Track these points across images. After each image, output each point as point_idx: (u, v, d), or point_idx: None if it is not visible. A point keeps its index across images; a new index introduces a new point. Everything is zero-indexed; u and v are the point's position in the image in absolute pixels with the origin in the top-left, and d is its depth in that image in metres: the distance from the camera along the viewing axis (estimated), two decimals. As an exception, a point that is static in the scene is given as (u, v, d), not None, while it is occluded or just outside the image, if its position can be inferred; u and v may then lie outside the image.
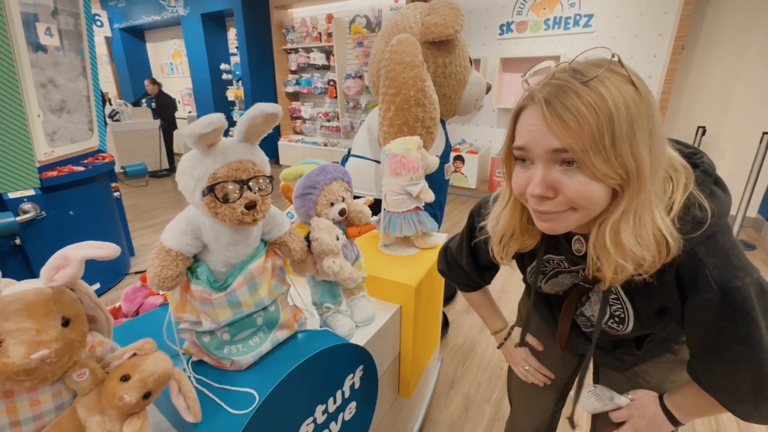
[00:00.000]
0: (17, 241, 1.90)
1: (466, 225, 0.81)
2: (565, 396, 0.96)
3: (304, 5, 5.73)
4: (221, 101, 6.78)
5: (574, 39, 3.92)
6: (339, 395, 0.77)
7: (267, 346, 0.72)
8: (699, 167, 0.54)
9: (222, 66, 6.61)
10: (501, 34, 4.29)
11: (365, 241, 1.26)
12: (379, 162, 1.28)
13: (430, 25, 1.53)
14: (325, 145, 5.91)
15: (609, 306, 0.64)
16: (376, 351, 0.89)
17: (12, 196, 1.85)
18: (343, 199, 0.83)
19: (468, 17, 4.41)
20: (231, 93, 6.67)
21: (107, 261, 0.52)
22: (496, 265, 0.82)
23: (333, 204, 0.82)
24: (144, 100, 5.98)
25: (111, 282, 2.54)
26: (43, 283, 0.48)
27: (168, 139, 5.95)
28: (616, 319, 0.65)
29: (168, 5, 6.53)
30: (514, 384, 0.99)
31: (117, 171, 2.77)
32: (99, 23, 5.76)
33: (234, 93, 6.62)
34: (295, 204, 0.83)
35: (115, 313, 0.95)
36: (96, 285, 2.37)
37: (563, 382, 0.92)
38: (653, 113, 0.46)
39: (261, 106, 0.57)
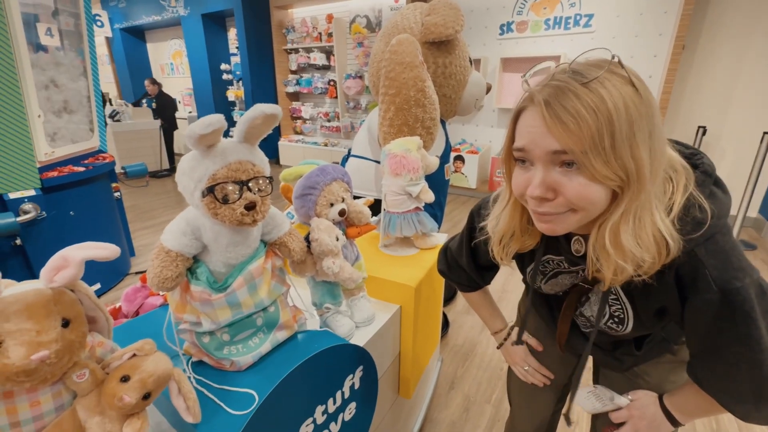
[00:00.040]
0: (18, 242, 1.91)
1: (466, 225, 0.81)
2: (565, 396, 0.96)
3: (304, 5, 5.74)
4: (221, 101, 6.78)
5: (574, 39, 3.92)
6: (339, 396, 0.77)
7: (267, 346, 0.72)
8: (699, 168, 0.54)
9: (222, 66, 6.61)
10: (501, 34, 4.29)
11: (365, 242, 1.26)
12: (380, 162, 1.28)
13: (430, 26, 1.53)
14: (326, 146, 5.91)
15: (609, 306, 0.64)
16: (376, 351, 0.89)
17: (12, 196, 1.85)
18: (343, 200, 0.83)
19: (468, 17, 4.41)
20: (231, 93, 6.68)
21: (108, 261, 0.52)
22: (496, 266, 0.82)
23: (333, 204, 0.82)
24: (144, 100, 5.98)
25: (111, 282, 2.54)
26: (43, 284, 0.48)
27: (168, 140, 5.95)
28: (615, 320, 0.65)
29: (168, 5, 6.54)
30: (513, 384, 0.99)
31: (117, 171, 2.78)
32: (99, 23, 5.76)
33: (234, 93, 6.63)
34: (295, 204, 0.83)
35: (116, 314, 0.96)
36: (96, 285, 2.37)
37: (563, 382, 0.92)
38: (653, 114, 0.46)
39: (260, 107, 0.57)
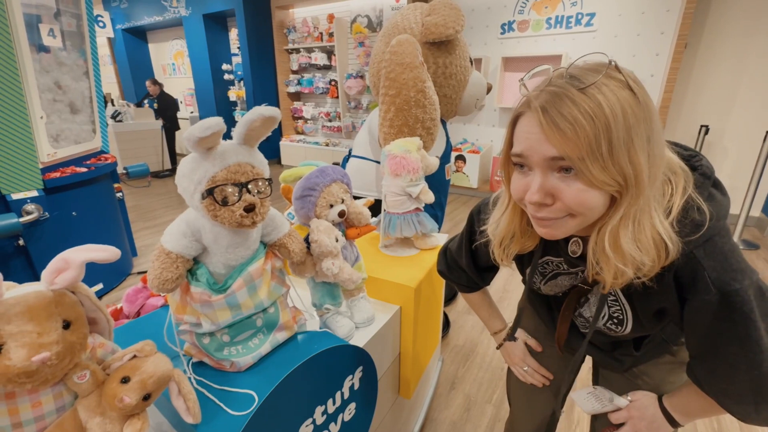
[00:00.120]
0: (21, 242, 1.92)
1: (465, 226, 0.81)
2: (565, 396, 0.96)
3: (305, 5, 5.74)
4: (223, 101, 6.80)
5: (576, 38, 3.91)
6: (338, 396, 0.77)
7: (267, 347, 0.72)
8: (698, 170, 0.54)
9: (224, 66, 6.63)
10: (502, 33, 4.28)
11: (365, 242, 1.26)
12: (380, 162, 1.28)
13: (430, 26, 1.53)
14: (327, 145, 5.92)
15: (608, 307, 0.64)
16: (375, 352, 0.89)
17: (15, 197, 1.86)
18: (343, 201, 0.84)
19: (469, 16, 4.40)
20: (233, 93, 6.70)
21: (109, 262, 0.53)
22: (495, 266, 0.82)
23: (332, 206, 0.82)
24: (146, 100, 6.00)
25: (114, 282, 2.55)
26: (44, 286, 0.48)
27: (170, 140, 5.97)
28: (614, 321, 0.65)
29: (170, 6, 6.55)
30: (513, 385, 0.99)
31: (119, 172, 2.79)
32: (101, 24, 5.78)
33: (236, 93, 6.64)
34: (295, 206, 0.83)
35: (117, 315, 0.96)
36: (99, 285, 2.38)
37: (562, 383, 0.91)
38: (651, 118, 0.46)
39: (259, 109, 0.57)
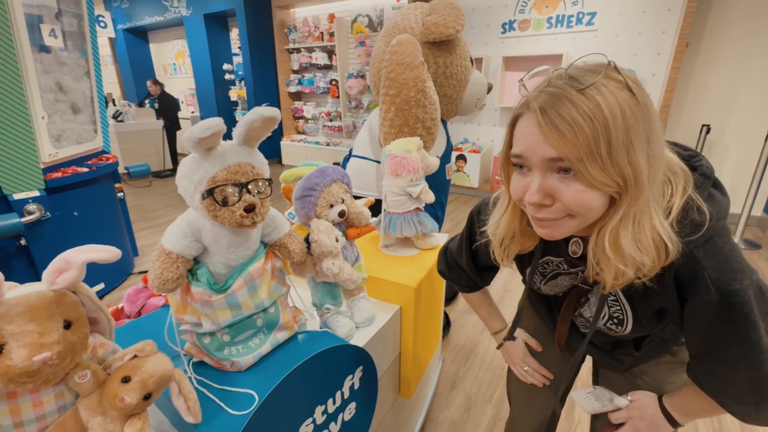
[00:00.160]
0: (23, 242, 1.92)
1: (465, 227, 0.81)
2: (565, 396, 0.96)
3: (306, 5, 5.74)
4: (224, 101, 6.81)
5: (577, 37, 3.90)
6: (338, 396, 0.77)
7: (267, 347, 0.73)
8: (697, 170, 0.54)
9: (225, 66, 6.64)
10: (503, 32, 4.27)
11: (366, 242, 1.27)
12: (380, 162, 1.28)
13: (430, 25, 1.53)
14: (328, 145, 5.92)
15: (608, 307, 0.64)
16: (376, 352, 0.90)
17: (17, 197, 1.86)
18: (343, 201, 0.84)
19: (470, 16, 4.39)
20: (234, 93, 6.71)
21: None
22: (495, 266, 0.82)
23: (332, 206, 0.82)
24: (147, 100, 6.01)
25: (115, 282, 2.56)
26: (45, 286, 0.48)
27: (171, 140, 5.97)
28: (615, 321, 0.65)
29: (171, 6, 6.56)
30: (513, 384, 0.99)
31: (121, 172, 2.79)
32: (103, 24, 5.78)
33: (237, 93, 6.65)
34: (295, 206, 0.83)
35: (118, 314, 0.96)
36: (100, 285, 2.39)
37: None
38: (651, 119, 0.46)
39: (259, 110, 0.57)
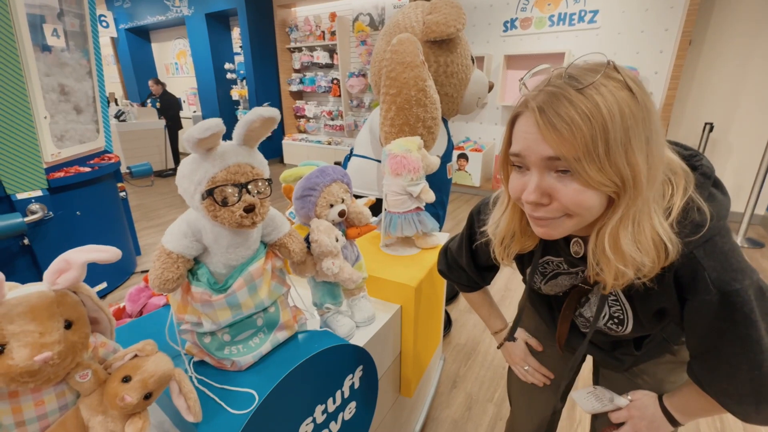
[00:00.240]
0: (26, 242, 1.93)
1: (465, 226, 0.81)
2: (565, 395, 0.96)
3: (307, 4, 5.74)
4: (226, 100, 6.81)
5: (579, 35, 3.88)
6: (338, 395, 0.78)
7: (267, 346, 0.73)
8: (698, 169, 0.54)
9: (226, 65, 6.64)
10: (505, 30, 4.26)
11: (366, 241, 1.27)
12: (381, 161, 1.28)
13: (431, 24, 1.53)
14: (329, 144, 5.92)
15: (608, 307, 0.64)
16: (376, 351, 0.90)
17: (20, 197, 1.87)
18: (343, 201, 0.84)
19: (472, 14, 4.38)
20: (235, 92, 6.71)
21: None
22: (495, 266, 0.82)
23: (332, 205, 0.82)
24: (149, 100, 6.03)
25: (118, 281, 2.57)
26: (46, 287, 0.49)
27: (173, 139, 5.99)
28: (615, 320, 0.65)
29: (172, 5, 6.57)
30: (514, 384, 0.99)
31: (123, 171, 2.80)
32: (105, 24, 5.79)
33: (238, 92, 6.65)
34: (295, 206, 0.84)
35: (120, 314, 0.97)
36: (103, 284, 2.40)
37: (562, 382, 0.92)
38: (650, 119, 0.46)
39: (258, 110, 0.57)
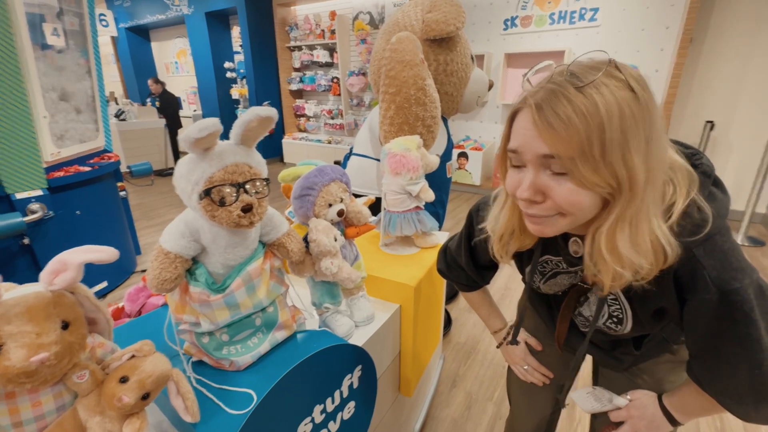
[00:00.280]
0: (26, 241, 1.93)
1: (464, 225, 0.81)
2: (566, 394, 0.96)
3: (307, 2, 5.72)
4: (226, 99, 6.81)
5: (579, 33, 3.87)
6: (337, 395, 0.77)
7: (266, 346, 0.73)
8: (698, 168, 0.54)
9: (226, 64, 6.63)
10: (505, 29, 4.25)
11: (366, 241, 1.26)
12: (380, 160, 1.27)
13: (431, 23, 1.52)
14: (329, 143, 5.91)
15: (608, 306, 0.64)
16: (375, 350, 0.90)
17: (20, 196, 1.87)
18: (342, 200, 0.84)
19: (472, 12, 4.37)
20: (235, 91, 6.69)
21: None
22: (495, 265, 0.82)
23: (331, 205, 0.82)
24: (149, 99, 6.03)
25: (118, 280, 2.57)
26: (43, 287, 0.49)
27: (173, 138, 5.99)
28: (614, 320, 0.64)
29: (172, 4, 6.56)
30: (513, 383, 0.99)
31: (123, 170, 2.80)
32: (104, 23, 5.78)
33: (238, 91, 6.64)
34: (294, 205, 0.83)
35: (119, 313, 0.97)
36: (103, 283, 2.40)
37: (562, 381, 0.91)
38: (652, 120, 0.45)
39: (255, 109, 0.57)
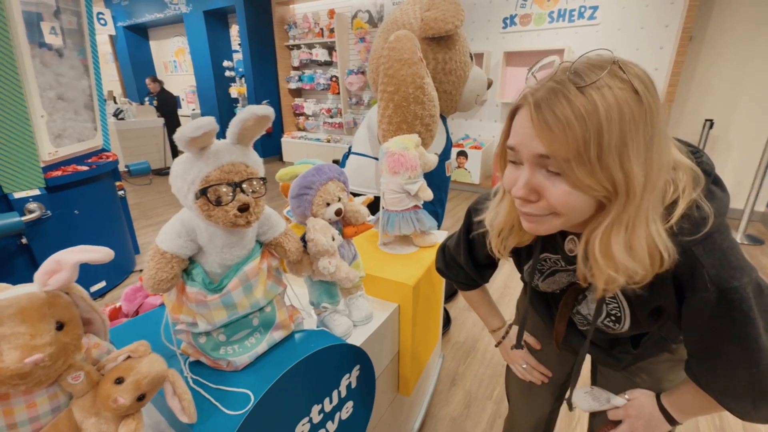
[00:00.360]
0: (24, 241, 1.93)
1: (463, 223, 0.81)
2: (563, 394, 0.95)
3: (306, 1, 5.71)
4: (224, 98, 6.79)
5: (578, 32, 3.87)
6: (335, 395, 0.77)
7: (263, 346, 0.72)
8: (698, 167, 0.53)
9: (225, 63, 6.61)
10: (504, 27, 4.24)
11: (364, 240, 1.26)
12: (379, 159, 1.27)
13: (429, 21, 1.51)
14: (328, 142, 5.90)
15: (606, 305, 0.64)
16: (374, 350, 0.89)
17: (17, 196, 1.87)
18: (339, 199, 0.83)
19: (471, 11, 4.36)
20: (234, 90, 6.68)
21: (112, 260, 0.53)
22: (494, 264, 0.82)
23: (329, 204, 0.81)
24: (147, 98, 6.02)
25: (116, 280, 2.57)
26: (37, 288, 0.48)
27: (171, 137, 5.98)
28: (612, 318, 0.64)
29: (171, 3, 6.54)
30: (512, 382, 0.99)
31: (121, 170, 2.79)
32: (103, 22, 5.77)
33: (237, 90, 6.63)
34: (291, 204, 0.83)
35: (116, 313, 0.97)
36: (102, 283, 2.40)
37: (561, 380, 0.91)
38: (655, 122, 0.44)
39: (252, 108, 0.56)
